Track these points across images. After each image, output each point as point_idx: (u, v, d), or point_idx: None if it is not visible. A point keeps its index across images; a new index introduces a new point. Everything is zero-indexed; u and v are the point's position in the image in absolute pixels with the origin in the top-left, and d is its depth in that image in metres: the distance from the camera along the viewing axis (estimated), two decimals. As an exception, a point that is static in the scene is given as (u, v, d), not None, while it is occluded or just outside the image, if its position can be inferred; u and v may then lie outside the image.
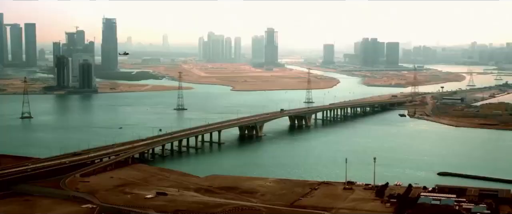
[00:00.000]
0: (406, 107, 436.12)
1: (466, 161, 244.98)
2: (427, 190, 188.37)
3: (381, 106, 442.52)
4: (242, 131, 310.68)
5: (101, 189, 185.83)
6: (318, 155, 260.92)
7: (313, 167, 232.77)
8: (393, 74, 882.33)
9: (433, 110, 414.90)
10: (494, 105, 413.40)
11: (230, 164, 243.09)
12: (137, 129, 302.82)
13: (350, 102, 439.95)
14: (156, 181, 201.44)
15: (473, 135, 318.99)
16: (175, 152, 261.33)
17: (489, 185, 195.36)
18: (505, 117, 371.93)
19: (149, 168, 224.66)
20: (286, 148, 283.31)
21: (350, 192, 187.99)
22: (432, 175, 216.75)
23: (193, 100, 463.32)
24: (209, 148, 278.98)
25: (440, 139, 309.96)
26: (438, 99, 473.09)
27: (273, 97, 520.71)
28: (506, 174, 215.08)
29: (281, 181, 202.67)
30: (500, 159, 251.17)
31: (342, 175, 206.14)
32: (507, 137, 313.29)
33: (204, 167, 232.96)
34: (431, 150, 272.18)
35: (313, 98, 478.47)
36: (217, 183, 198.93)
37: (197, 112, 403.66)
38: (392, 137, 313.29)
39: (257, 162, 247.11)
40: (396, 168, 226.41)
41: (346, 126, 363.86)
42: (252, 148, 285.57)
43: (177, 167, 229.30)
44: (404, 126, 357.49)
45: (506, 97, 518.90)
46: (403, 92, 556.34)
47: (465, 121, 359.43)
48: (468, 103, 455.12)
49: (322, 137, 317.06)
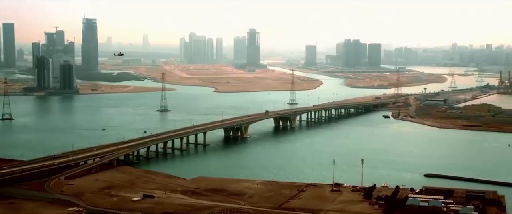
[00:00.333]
0: (389, 108, 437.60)
1: (451, 162, 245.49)
2: (414, 191, 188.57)
3: (365, 107, 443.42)
4: (227, 132, 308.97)
5: (87, 192, 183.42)
6: (304, 156, 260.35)
7: (299, 169, 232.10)
8: (376, 75, 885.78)
9: (417, 111, 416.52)
10: (476, 106, 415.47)
11: (216, 165, 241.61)
12: (120, 130, 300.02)
13: (334, 103, 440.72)
14: (142, 183, 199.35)
15: (457, 137, 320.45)
16: (160, 153, 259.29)
17: (475, 187, 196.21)
18: (488, 118, 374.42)
19: (134, 170, 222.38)
20: (271, 149, 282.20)
21: (338, 194, 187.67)
22: (419, 177, 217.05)
23: (176, 102, 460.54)
24: (194, 149, 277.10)
25: (424, 140, 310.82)
26: (421, 101, 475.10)
27: (257, 98, 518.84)
28: (491, 175, 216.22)
29: (268, 183, 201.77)
30: (484, 161, 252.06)
31: (328, 176, 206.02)
32: (490, 138, 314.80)
33: (190, 169, 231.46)
34: (416, 151, 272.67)
35: (297, 99, 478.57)
36: (204, 185, 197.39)
37: (181, 113, 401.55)
38: (377, 138, 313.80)
39: (243, 164, 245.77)
40: (382, 169, 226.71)
41: (330, 127, 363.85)
42: (237, 150, 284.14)
43: (162, 169, 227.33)
44: (388, 127, 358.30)
45: (488, 98, 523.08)
46: (386, 93, 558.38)
47: (448, 122, 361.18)
48: (450, 104, 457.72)
49: (307, 139, 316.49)
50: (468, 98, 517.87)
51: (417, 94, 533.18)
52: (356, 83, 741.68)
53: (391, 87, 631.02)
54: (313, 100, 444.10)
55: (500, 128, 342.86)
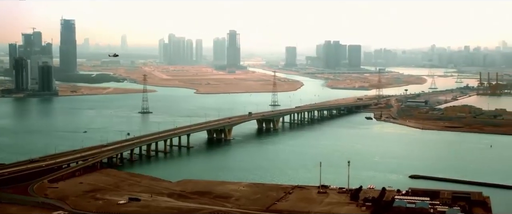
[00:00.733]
0: (371, 110, 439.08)
1: (435, 163, 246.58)
2: (401, 193, 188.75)
3: (347, 109, 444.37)
4: (210, 134, 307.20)
5: (71, 195, 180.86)
6: (288, 158, 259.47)
7: (284, 171, 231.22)
8: (356, 77, 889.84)
9: (399, 112, 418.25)
10: (457, 108, 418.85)
11: (200, 168, 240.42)
12: (102, 132, 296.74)
13: (316, 105, 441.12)
14: (127, 186, 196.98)
15: (440, 138, 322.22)
16: (143, 156, 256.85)
17: (460, 188, 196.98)
18: (469, 119, 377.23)
19: (118, 173, 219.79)
20: (255, 151, 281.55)
21: (324, 196, 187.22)
22: (404, 178, 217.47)
23: (157, 104, 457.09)
24: (177, 152, 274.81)
25: (408, 141, 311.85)
26: (403, 102, 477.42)
27: (238, 100, 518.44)
28: (475, 176, 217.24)
29: (254, 185, 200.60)
30: (468, 162, 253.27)
31: (314, 178, 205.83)
32: (472, 139, 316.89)
33: (174, 171, 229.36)
34: (400, 152, 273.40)
35: (279, 101, 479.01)
36: (190, 187, 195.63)
37: (162, 115, 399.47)
38: (361, 139, 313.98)
39: (228, 166, 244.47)
40: (367, 171, 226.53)
41: (313, 129, 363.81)
42: (221, 152, 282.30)
43: (147, 172, 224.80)
44: (371, 128, 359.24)
45: (468, 100, 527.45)
46: (367, 95, 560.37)
47: (430, 124, 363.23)
48: (432, 106, 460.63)
49: (291, 140, 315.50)
50: (449, 99, 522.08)
51: (398, 96, 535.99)
52: (337, 84, 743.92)
53: (372, 89, 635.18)
54: (295, 102, 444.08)
55: (482, 129, 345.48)
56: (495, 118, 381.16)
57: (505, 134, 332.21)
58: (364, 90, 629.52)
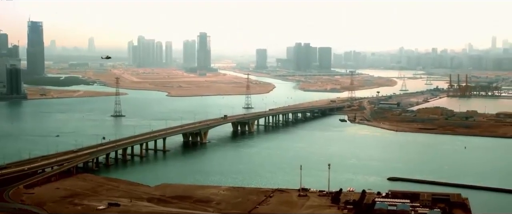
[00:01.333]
0: (345, 112, 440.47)
1: (412, 165, 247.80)
2: (381, 195, 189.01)
3: (321, 111, 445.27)
4: (186, 137, 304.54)
5: (49, 201, 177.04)
6: (265, 161, 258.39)
7: (263, 174, 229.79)
8: (327, 79, 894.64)
9: (372, 114, 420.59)
10: (430, 110, 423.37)
11: (178, 172, 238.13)
12: (75, 136, 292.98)
13: (290, 107, 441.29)
14: (105, 191, 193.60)
15: (415, 139, 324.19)
16: (119, 160, 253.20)
17: (438, 189, 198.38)
18: (442, 121, 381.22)
19: (95, 177, 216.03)
20: (232, 154, 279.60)
21: (305, 199, 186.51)
22: (382, 180, 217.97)
23: (129, 107, 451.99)
24: (153, 155, 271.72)
25: (383, 143, 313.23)
26: (375, 104, 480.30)
27: (211, 102, 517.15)
28: (452, 178, 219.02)
29: (234, 189, 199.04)
30: (444, 163, 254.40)
31: (293, 181, 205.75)
32: (446, 141, 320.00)
33: (152, 175, 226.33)
34: (377, 154, 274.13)
35: (252, 103, 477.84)
36: (169, 192, 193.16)
37: (135, 119, 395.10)
38: (336, 142, 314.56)
39: (205, 170, 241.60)
40: (345, 173, 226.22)
41: (288, 131, 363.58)
42: (198, 155, 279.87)
43: (123, 176, 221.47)
44: (346, 130, 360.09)
45: (439, 101, 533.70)
46: (340, 97, 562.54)
47: (404, 126, 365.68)
48: (404, 107, 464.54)
49: (267, 143, 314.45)
50: (420, 101, 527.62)
51: (371, 98, 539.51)
52: (308, 86, 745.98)
53: (344, 91, 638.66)
54: (268, 104, 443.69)
55: (454, 131, 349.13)
56: (467, 119, 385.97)
57: (477, 135, 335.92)
58: (336, 93, 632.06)
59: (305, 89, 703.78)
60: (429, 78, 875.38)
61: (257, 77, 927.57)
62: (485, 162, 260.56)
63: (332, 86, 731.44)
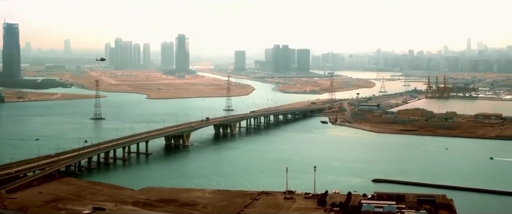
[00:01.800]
0: (326, 114, 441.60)
1: (396, 167, 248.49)
2: (367, 197, 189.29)
3: (302, 113, 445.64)
4: (168, 140, 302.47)
5: (32, 206, 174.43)
6: (249, 164, 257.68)
7: (247, 177, 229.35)
8: (306, 81, 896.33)
9: (353, 116, 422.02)
10: (410, 111, 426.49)
11: (161, 175, 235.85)
12: (56, 140, 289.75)
13: (271, 109, 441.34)
14: (89, 195, 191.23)
15: (396, 141, 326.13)
16: (102, 164, 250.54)
17: (422, 191, 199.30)
18: (422, 122, 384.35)
19: (78, 181, 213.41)
20: (215, 157, 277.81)
21: (291, 202, 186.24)
22: (367, 182, 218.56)
23: (109, 109, 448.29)
24: (136, 159, 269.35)
25: (366, 145, 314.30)
26: (356, 106, 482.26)
27: (191, 105, 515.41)
28: (436, 179, 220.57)
29: (219, 192, 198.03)
30: (427, 165, 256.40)
31: (277, 184, 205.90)
32: (427, 142, 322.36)
33: (135, 179, 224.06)
34: (360, 156, 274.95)
35: (232, 105, 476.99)
36: (154, 195, 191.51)
37: (116, 121, 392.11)
38: (319, 144, 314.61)
39: (189, 173, 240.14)
40: (329, 175, 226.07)
41: (270, 133, 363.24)
42: (180, 158, 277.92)
43: (106, 180, 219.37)
44: (327, 132, 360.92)
45: (418, 103, 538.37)
46: (319, 99, 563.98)
47: (385, 127, 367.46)
48: (384, 109, 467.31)
49: (249, 146, 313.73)
50: (400, 103, 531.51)
51: (351, 99, 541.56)
52: (288, 88, 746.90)
53: (323, 93, 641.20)
54: (248, 107, 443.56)
55: (435, 132, 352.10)
56: (446, 120, 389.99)
57: (457, 136, 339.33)
58: (315, 94, 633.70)
59: (284, 91, 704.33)
60: (407, 80, 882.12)
61: (236, 79, 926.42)
62: (467, 162, 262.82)
63: (311, 88, 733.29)
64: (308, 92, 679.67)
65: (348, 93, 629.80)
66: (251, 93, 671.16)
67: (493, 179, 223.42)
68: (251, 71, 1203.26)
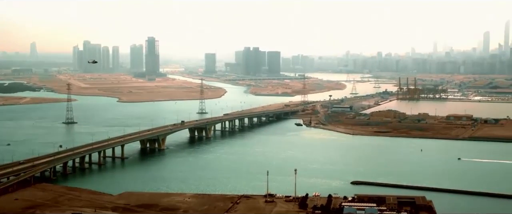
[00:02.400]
0: (299, 116, 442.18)
1: (373, 169, 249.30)
2: (347, 200, 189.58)
3: (276, 115, 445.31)
4: (143, 144, 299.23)
5: (9, 213, 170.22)
6: (226, 167, 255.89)
7: (225, 180, 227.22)
8: (277, 83, 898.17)
9: (326, 118, 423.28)
10: (383, 113, 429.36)
11: (139, 179, 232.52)
12: (28, 145, 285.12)
13: (245, 112, 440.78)
14: (67, 201, 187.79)
15: (371, 143, 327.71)
16: (77, 169, 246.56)
17: (401, 192, 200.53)
18: (395, 124, 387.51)
19: (55, 187, 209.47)
20: (192, 161, 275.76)
21: (273, 205, 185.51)
22: (346, 184, 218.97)
23: (81, 113, 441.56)
24: (111, 163, 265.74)
25: (341, 147, 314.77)
26: (329, 108, 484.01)
27: (164, 108, 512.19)
28: (413, 180, 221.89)
29: (199, 196, 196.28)
30: (402, 166, 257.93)
31: (257, 187, 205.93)
32: (402, 143, 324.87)
33: (112, 184, 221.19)
34: (337, 158, 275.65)
35: (205, 108, 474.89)
36: (134, 200, 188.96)
37: (88, 125, 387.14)
38: (294, 146, 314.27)
39: (167, 177, 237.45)
40: (308, 178, 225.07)
41: (245, 136, 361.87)
42: (157, 162, 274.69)
43: (83, 185, 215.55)
44: (302, 135, 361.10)
45: (390, 104, 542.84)
46: (292, 101, 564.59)
47: (359, 129, 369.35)
48: (357, 111, 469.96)
49: (225, 149, 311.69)
50: (372, 104, 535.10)
51: (323, 102, 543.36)
52: (260, 91, 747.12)
53: (295, 95, 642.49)
54: (222, 109, 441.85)
55: (409, 133, 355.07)
56: (419, 122, 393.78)
57: (431, 137, 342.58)
58: (287, 97, 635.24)
59: (256, 94, 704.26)
60: (377, 82, 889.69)
61: (207, 82, 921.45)
62: (442, 164, 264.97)
63: (283, 90, 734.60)
64: (280, 94, 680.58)
65: (320, 95, 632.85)
66: (223, 96, 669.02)
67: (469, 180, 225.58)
68: (222, 73, 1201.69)
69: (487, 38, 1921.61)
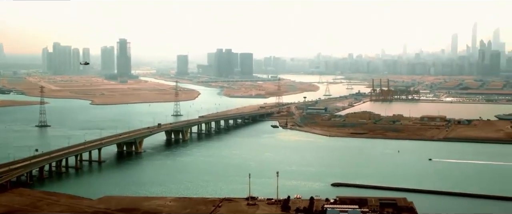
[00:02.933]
0: (275, 118, 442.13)
1: (352, 170, 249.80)
2: (329, 202, 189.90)
3: (252, 117, 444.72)
4: (120, 147, 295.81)
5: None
6: (205, 170, 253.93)
7: (205, 183, 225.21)
8: (250, 84, 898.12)
9: (302, 119, 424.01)
10: (358, 114, 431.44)
11: (117, 183, 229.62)
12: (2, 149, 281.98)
13: (221, 114, 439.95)
14: (46, 206, 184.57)
15: (348, 144, 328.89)
16: (54, 173, 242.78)
17: (382, 194, 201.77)
18: (370, 125, 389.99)
19: (32, 192, 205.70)
20: (170, 164, 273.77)
21: (255, 208, 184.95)
22: (326, 186, 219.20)
23: (54, 116, 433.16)
24: (88, 167, 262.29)
25: (319, 149, 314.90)
26: (303, 110, 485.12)
27: (138, 110, 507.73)
28: (392, 181, 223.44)
29: (180, 200, 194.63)
30: (381, 167, 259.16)
31: (237, 190, 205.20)
32: (379, 145, 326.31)
33: (91, 188, 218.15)
34: (315, 160, 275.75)
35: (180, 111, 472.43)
36: (114, 204, 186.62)
37: (63, 129, 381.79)
38: (272, 148, 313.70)
39: (146, 180, 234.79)
40: (287, 180, 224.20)
41: (222, 138, 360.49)
42: (135, 166, 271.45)
43: (61, 190, 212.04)
44: (279, 137, 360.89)
45: (364, 106, 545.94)
46: (267, 103, 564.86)
47: (336, 131, 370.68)
48: (331, 112, 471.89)
49: (203, 151, 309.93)
50: (346, 106, 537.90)
51: (297, 103, 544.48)
52: (233, 92, 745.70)
53: (269, 96, 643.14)
54: (197, 111, 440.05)
55: (385, 135, 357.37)
56: (394, 123, 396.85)
57: (407, 139, 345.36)
58: (262, 98, 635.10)
59: (230, 96, 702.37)
60: (349, 83, 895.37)
61: (180, 84, 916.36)
62: (420, 165, 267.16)
63: (257, 92, 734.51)
64: (254, 96, 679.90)
65: (294, 97, 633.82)
66: (197, 98, 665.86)
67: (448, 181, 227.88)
68: (194, 75, 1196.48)
69: (455, 40, 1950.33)
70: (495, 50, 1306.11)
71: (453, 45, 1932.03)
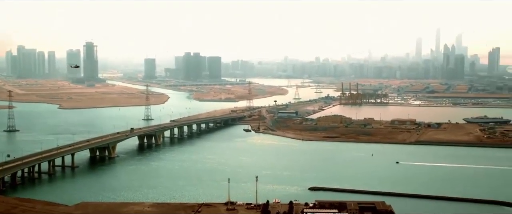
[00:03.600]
0: (247, 122, 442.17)
1: (328, 174, 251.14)
2: (309, 206, 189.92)
3: (224, 121, 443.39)
4: (93, 152, 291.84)
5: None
6: (180, 174, 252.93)
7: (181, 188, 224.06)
8: (219, 88, 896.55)
9: (273, 123, 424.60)
10: (330, 118, 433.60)
11: (92, 189, 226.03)
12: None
13: (193, 118, 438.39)
14: (21, 213, 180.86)
15: (321, 148, 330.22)
16: (26, 179, 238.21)
17: (360, 198, 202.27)
18: (342, 129, 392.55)
19: (6, 199, 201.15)
20: (144, 169, 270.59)
21: (234, 212, 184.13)
22: (304, 190, 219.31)
23: (22, 121, 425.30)
24: (61, 172, 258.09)
25: (293, 153, 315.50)
26: (274, 113, 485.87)
27: (108, 115, 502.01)
28: (369, 185, 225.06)
29: (159, 205, 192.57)
30: (356, 171, 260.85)
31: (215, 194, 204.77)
32: (352, 148, 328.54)
33: (65, 194, 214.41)
34: (290, 164, 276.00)
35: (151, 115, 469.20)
36: (91, 211, 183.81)
37: (32, 133, 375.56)
38: (245, 152, 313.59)
39: (121, 185, 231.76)
40: (264, 184, 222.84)
41: (195, 143, 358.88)
42: (109, 171, 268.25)
43: (36, 196, 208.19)
44: (252, 141, 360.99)
45: (334, 109, 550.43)
46: (237, 106, 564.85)
47: (308, 134, 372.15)
48: (302, 116, 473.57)
49: (176, 156, 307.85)
50: (316, 109, 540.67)
51: (268, 107, 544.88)
52: (202, 96, 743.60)
53: (239, 100, 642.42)
54: (168, 115, 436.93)
55: (357, 138, 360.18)
56: (365, 127, 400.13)
57: (379, 142, 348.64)
58: (232, 102, 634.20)
59: (200, 100, 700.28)
60: (318, 87, 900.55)
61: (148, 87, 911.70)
62: (395, 168, 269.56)
63: (226, 96, 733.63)
64: (224, 100, 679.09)
65: (264, 100, 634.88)
66: (167, 102, 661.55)
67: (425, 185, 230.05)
68: (162, 79, 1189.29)
69: (420, 44, 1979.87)
70: (460, 54, 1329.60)
71: (418, 49, 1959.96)
